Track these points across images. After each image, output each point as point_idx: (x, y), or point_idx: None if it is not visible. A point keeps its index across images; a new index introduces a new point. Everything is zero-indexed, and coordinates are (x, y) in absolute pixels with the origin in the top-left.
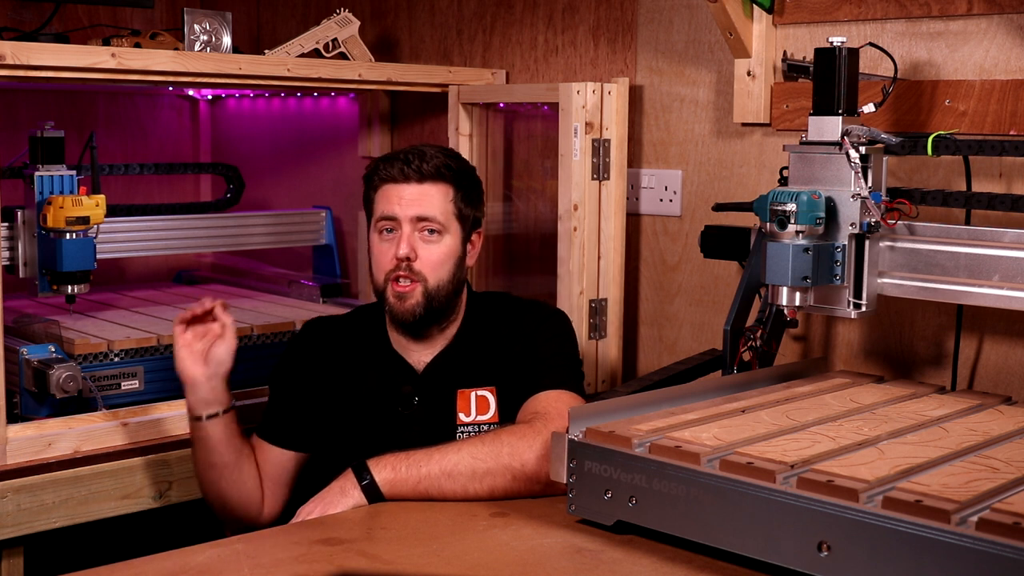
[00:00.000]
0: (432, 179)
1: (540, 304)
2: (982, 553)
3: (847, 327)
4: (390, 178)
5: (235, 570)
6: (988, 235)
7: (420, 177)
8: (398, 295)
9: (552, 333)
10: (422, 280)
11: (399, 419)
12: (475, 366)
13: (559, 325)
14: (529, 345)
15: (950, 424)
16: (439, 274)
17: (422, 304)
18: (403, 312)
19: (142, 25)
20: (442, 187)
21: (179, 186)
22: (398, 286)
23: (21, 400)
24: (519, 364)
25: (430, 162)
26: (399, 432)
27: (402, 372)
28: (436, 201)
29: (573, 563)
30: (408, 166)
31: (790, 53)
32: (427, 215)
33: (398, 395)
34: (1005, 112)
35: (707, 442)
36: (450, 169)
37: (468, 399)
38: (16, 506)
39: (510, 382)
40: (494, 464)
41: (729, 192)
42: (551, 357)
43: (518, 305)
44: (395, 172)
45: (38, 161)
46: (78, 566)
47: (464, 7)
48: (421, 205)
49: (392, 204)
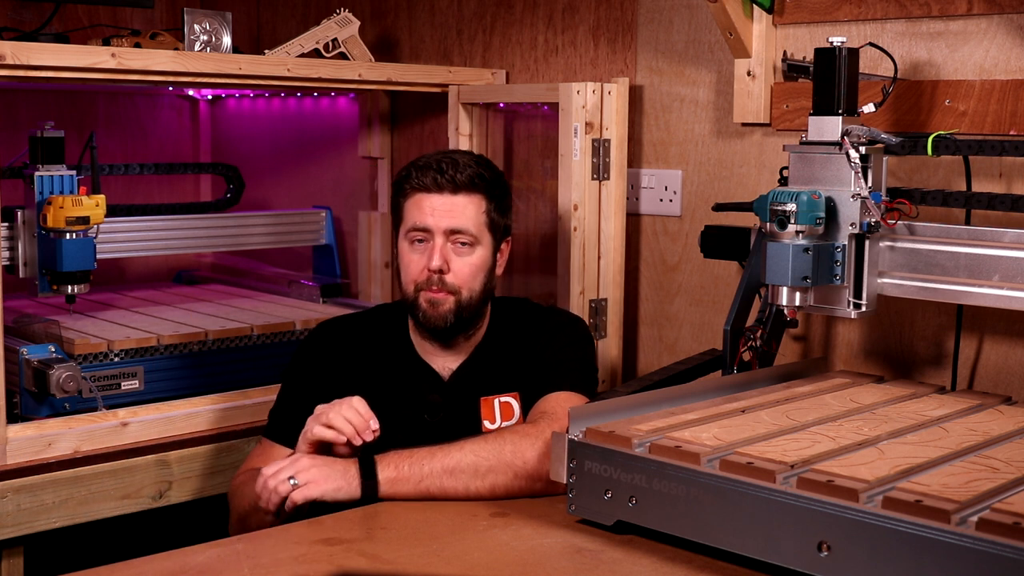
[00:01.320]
0: (466, 190)
1: (559, 311)
2: (982, 553)
3: (847, 327)
4: (423, 187)
5: (235, 570)
6: (988, 235)
7: (454, 187)
8: (431, 301)
9: (569, 339)
10: (455, 292)
11: (425, 427)
12: (499, 373)
13: (576, 331)
14: (547, 351)
15: (950, 424)
16: (472, 285)
17: (454, 312)
18: (436, 317)
19: (142, 25)
20: (475, 198)
21: (179, 186)
22: (431, 292)
23: (21, 400)
24: (538, 369)
25: (464, 172)
26: (424, 440)
27: (428, 379)
28: (470, 212)
29: (573, 563)
30: (442, 175)
31: (790, 53)
32: (461, 227)
33: (425, 403)
34: (1005, 112)
35: (707, 442)
36: (483, 179)
37: (492, 406)
38: (16, 506)
39: (532, 388)
40: (496, 462)
41: (729, 192)
42: (566, 361)
43: (538, 312)
44: (428, 181)
45: (38, 161)
46: (78, 566)
47: (464, 7)
48: (455, 217)
49: (425, 215)
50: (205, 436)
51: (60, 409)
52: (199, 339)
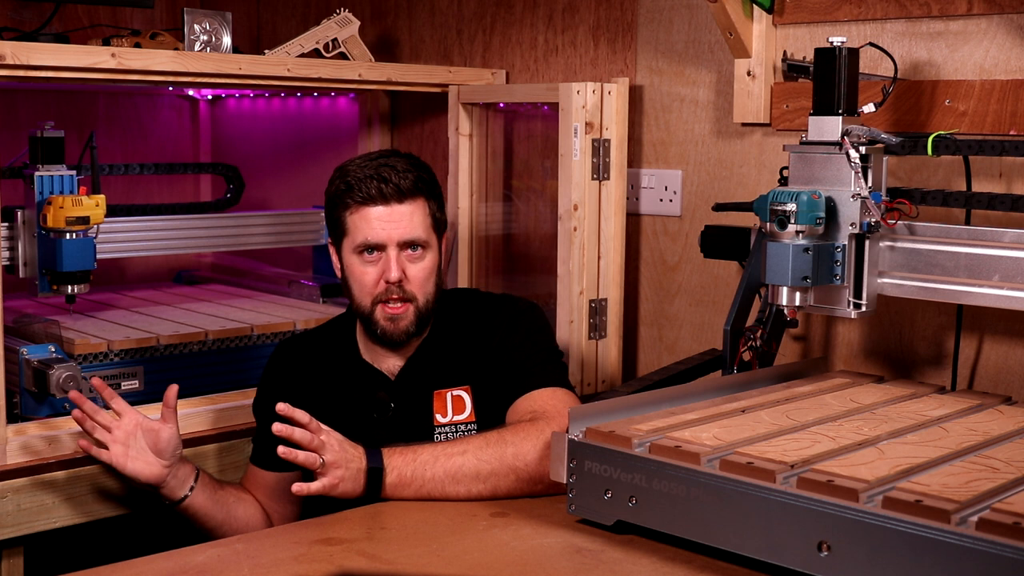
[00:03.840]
0: (411, 196)
1: (510, 298)
2: (982, 553)
3: (847, 327)
4: (367, 199)
5: (235, 570)
6: (988, 235)
7: (400, 196)
8: (391, 318)
9: (528, 329)
10: (413, 299)
11: (375, 425)
12: (448, 366)
13: (534, 320)
14: (506, 343)
15: (950, 424)
16: (427, 289)
17: (414, 323)
18: (396, 333)
19: (142, 25)
20: (420, 202)
21: (179, 186)
22: (390, 308)
23: (21, 400)
24: (495, 362)
25: (406, 177)
26: (378, 438)
27: (375, 380)
28: (418, 219)
29: (573, 563)
30: (385, 184)
31: (790, 53)
32: (413, 238)
33: (373, 401)
34: (1005, 112)
35: (707, 442)
36: (424, 181)
37: (444, 399)
38: (16, 506)
39: (485, 380)
40: (498, 465)
41: (729, 192)
42: (534, 354)
43: (487, 301)
44: (372, 192)
45: (38, 161)
46: (78, 566)
47: (464, 7)
48: (406, 228)
49: (375, 229)
50: (205, 436)
51: (60, 409)
52: (199, 339)
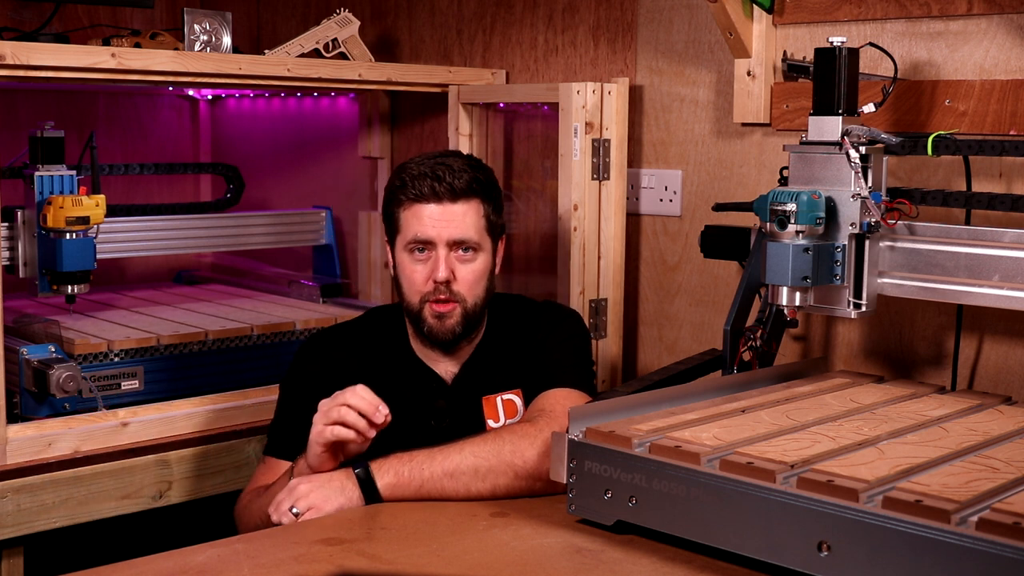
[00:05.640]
0: (464, 196)
1: (554, 305)
2: (982, 553)
3: (847, 327)
4: (420, 197)
5: (235, 570)
6: (988, 235)
7: (453, 195)
8: (438, 315)
9: (565, 334)
10: (461, 301)
11: (431, 432)
12: (500, 372)
13: (573, 326)
14: (544, 343)
15: (950, 424)
16: (476, 291)
17: (461, 323)
18: (443, 332)
19: (142, 25)
20: (474, 203)
21: (179, 186)
22: (438, 306)
23: (21, 400)
24: (536, 365)
25: (460, 177)
26: (430, 445)
27: (433, 384)
28: (470, 220)
29: (573, 563)
30: (439, 183)
31: (790, 53)
32: (464, 238)
33: (431, 408)
34: (1005, 112)
35: (707, 442)
36: (480, 183)
37: (495, 405)
38: (16, 506)
39: (532, 384)
40: (496, 462)
41: (729, 192)
42: (563, 357)
43: (534, 307)
44: (425, 190)
45: (38, 161)
46: (78, 566)
47: (464, 7)
48: (457, 227)
49: (426, 227)
50: (205, 436)
51: (60, 409)
52: (199, 339)
